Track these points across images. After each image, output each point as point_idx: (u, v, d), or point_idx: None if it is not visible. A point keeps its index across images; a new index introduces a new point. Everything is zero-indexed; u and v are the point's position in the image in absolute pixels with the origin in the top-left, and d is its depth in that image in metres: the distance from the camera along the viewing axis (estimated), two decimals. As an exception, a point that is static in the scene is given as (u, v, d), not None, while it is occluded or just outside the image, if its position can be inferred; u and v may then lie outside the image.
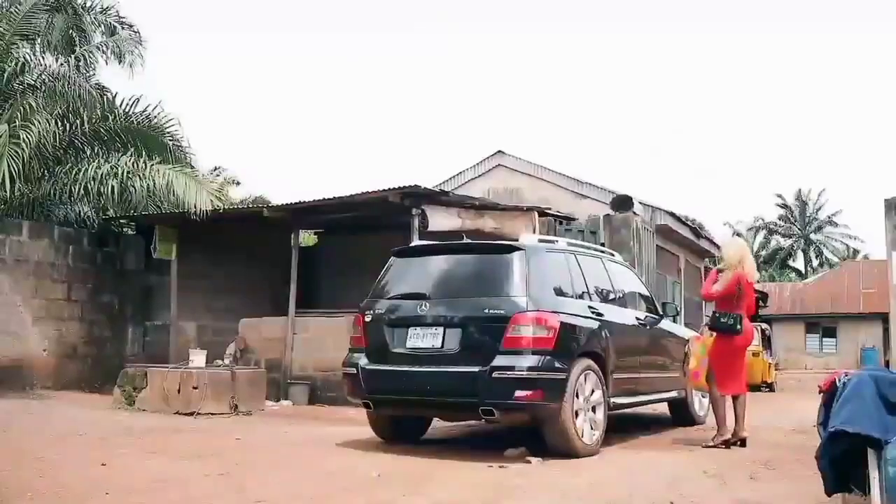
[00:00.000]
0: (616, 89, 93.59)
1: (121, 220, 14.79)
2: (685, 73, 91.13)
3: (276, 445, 7.25)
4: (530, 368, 6.32)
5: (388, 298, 7.14)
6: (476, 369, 6.33)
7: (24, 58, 14.02)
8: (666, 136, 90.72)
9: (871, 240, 60.98)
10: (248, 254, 15.39)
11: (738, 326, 7.38)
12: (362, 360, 6.95)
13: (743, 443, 7.44)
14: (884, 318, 24.83)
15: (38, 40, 14.72)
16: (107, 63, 15.99)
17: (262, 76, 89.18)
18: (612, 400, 7.18)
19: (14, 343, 12.19)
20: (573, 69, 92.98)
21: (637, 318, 8.17)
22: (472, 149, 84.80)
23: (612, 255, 8.87)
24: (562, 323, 6.57)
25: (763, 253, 60.96)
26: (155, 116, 14.75)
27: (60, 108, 13.75)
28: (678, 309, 8.83)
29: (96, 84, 15.36)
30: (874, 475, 3.80)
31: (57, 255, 13.03)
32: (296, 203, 12.73)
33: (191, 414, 9.48)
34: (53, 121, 13.12)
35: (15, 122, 12.28)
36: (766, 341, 24.30)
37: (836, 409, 3.94)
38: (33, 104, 12.97)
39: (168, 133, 14.93)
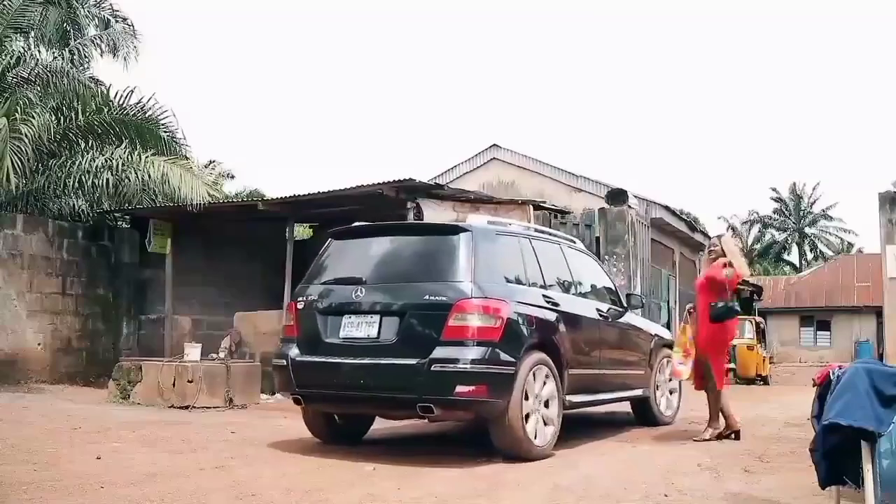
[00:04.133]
0: (610, 82, 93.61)
1: (115, 214, 14.77)
2: (680, 66, 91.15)
3: (270, 439, 7.24)
4: (474, 361, 5.78)
5: (322, 283, 6.60)
6: (414, 362, 5.80)
7: (18, 51, 14.00)
8: (661, 129, 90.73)
9: (866, 233, 61.17)
10: (242, 248, 15.37)
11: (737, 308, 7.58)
12: (293, 352, 6.43)
13: (737, 435, 7.46)
14: (878, 311, 24.89)
15: (32, 34, 14.71)
16: (101, 56, 15.99)
17: (256, 70, 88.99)
18: (568, 398, 6.65)
19: (9, 337, 12.17)
20: (568, 62, 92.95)
21: (598, 310, 7.59)
22: (467, 142, 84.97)
23: (573, 241, 8.26)
24: (511, 312, 6.06)
25: (757, 246, 61.11)
26: (149, 109, 14.71)
27: (55, 101, 13.74)
28: (643, 301, 8.35)
29: (90, 77, 15.33)
30: (868, 467, 3.82)
31: (51, 249, 13.01)
32: (290, 196, 12.71)
33: (186, 407, 9.49)
34: (48, 114, 13.10)
35: (14, 115, 12.26)
36: (761, 335, 24.38)
37: (830, 401, 3.95)
38: (32, 97, 12.95)
39: (163, 125, 14.91)
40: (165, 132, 14.95)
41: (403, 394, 5.92)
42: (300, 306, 6.53)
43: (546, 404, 6.35)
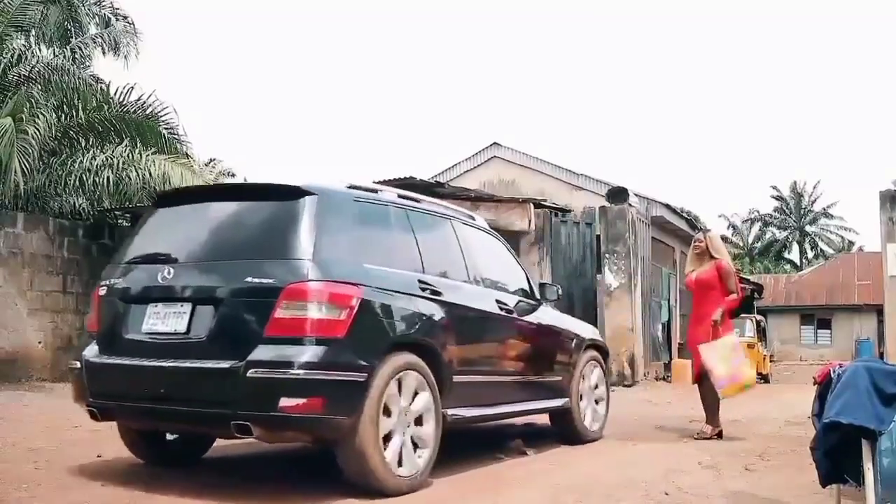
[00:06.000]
0: (611, 81, 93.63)
1: (116, 212, 14.77)
2: (681, 65, 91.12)
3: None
4: (306, 365, 4.39)
5: (129, 262, 5.19)
6: (227, 365, 4.41)
7: (19, 49, 14.01)
8: (661, 128, 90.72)
9: (866, 232, 61.33)
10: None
11: None
12: (89, 351, 5.08)
13: (720, 435, 7.50)
14: (878, 309, 24.89)
15: (33, 32, 14.72)
16: (104, 55, 16.02)
17: (256, 69, 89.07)
18: (451, 412, 5.27)
19: (9, 335, 12.18)
20: (568, 61, 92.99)
21: (500, 303, 6.14)
22: (468, 141, 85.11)
23: (471, 217, 6.69)
24: (364, 300, 4.65)
25: (758, 245, 61.23)
26: (150, 105, 14.69)
27: (56, 99, 13.76)
28: (559, 293, 7.22)
29: (91, 75, 15.34)
30: (868, 466, 3.82)
31: (52, 248, 13.01)
32: (291, 195, 12.67)
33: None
34: (50, 113, 13.13)
35: (21, 115, 12.28)
36: (761, 333, 24.40)
37: (830, 400, 3.95)
38: (37, 96, 12.97)
39: (163, 122, 14.90)
40: (166, 128, 14.93)
41: (213, 408, 4.52)
42: (102, 293, 5.15)
43: (418, 421, 5.01)
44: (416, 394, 4.95)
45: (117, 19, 16.83)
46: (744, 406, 9.18)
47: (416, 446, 4.96)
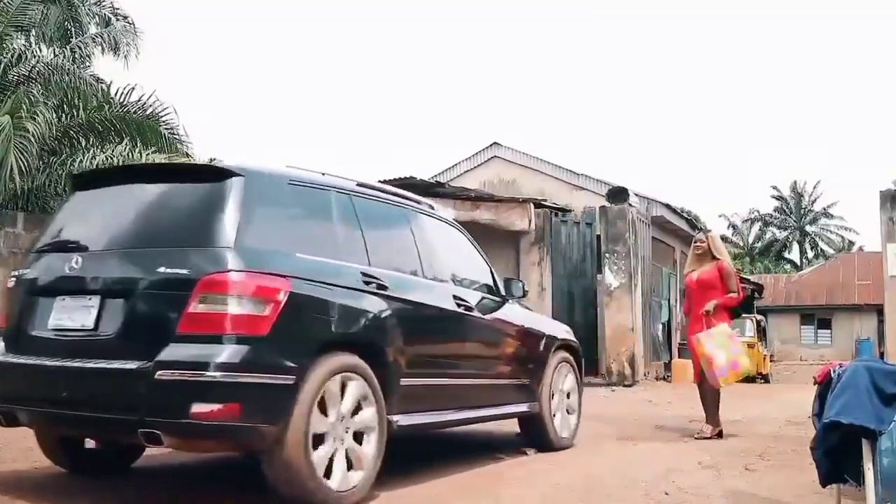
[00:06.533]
0: (611, 81, 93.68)
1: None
2: (681, 65, 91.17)
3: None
4: (222, 367, 3.88)
5: (39, 251, 4.75)
6: (134, 366, 3.92)
7: (19, 49, 14.03)
8: (662, 127, 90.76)
9: (867, 232, 61.35)
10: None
11: None
12: None
13: (720, 434, 7.51)
14: (879, 309, 24.87)
15: (33, 32, 14.74)
16: (103, 54, 16.02)
17: (256, 69, 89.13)
18: (398, 419, 4.75)
19: (9, 335, 12.18)
20: (569, 61, 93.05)
21: (458, 299, 5.59)
22: (468, 140, 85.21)
23: (430, 207, 6.12)
24: (293, 294, 4.15)
25: (758, 245, 61.23)
26: (150, 105, 14.68)
27: (56, 99, 13.77)
28: (526, 289, 6.86)
29: (91, 75, 15.35)
30: (868, 466, 3.83)
31: (52, 247, 13.02)
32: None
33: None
34: (50, 112, 13.14)
35: (20, 113, 12.27)
36: (761, 333, 24.41)
37: (830, 400, 3.95)
38: (36, 95, 12.97)
39: (163, 121, 14.88)
40: (167, 128, 14.91)
41: (119, 414, 4.02)
42: (10, 284, 4.72)
43: (358, 429, 4.48)
44: (356, 399, 4.43)
45: (117, 19, 16.84)
46: (744, 406, 9.19)
47: (357, 456, 4.43)
